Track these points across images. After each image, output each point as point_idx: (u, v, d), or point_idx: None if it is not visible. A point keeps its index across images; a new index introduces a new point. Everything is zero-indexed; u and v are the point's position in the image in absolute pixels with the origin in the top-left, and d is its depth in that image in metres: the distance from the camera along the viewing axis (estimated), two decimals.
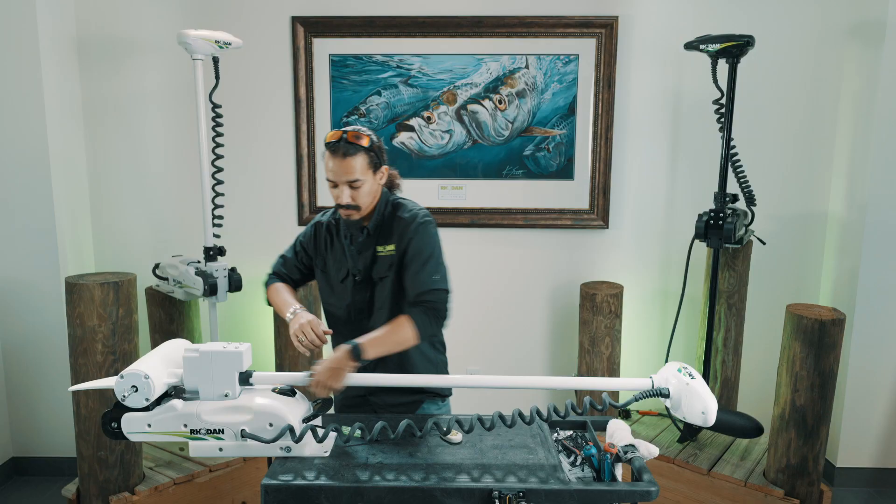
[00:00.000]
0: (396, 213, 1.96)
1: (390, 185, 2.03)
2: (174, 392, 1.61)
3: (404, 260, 1.90)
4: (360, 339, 1.77)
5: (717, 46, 2.59)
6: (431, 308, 1.84)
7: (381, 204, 1.97)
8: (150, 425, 1.55)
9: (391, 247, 1.94)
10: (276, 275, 2.14)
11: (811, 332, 2.49)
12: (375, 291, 1.96)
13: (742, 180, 2.85)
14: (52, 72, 3.02)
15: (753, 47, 2.61)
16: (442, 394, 2.07)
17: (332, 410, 1.81)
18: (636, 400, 1.60)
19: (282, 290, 2.06)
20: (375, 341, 1.79)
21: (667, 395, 1.58)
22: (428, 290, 1.84)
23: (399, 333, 1.81)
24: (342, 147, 1.83)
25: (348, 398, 2.04)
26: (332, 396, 1.91)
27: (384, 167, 1.94)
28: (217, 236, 2.87)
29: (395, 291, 1.94)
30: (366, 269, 1.95)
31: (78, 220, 3.25)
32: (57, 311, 3.04)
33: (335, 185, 1.88)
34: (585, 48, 3.18)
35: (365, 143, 1.85)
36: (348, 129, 1.86)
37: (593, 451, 1.61)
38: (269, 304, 2.12)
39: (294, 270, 2.12)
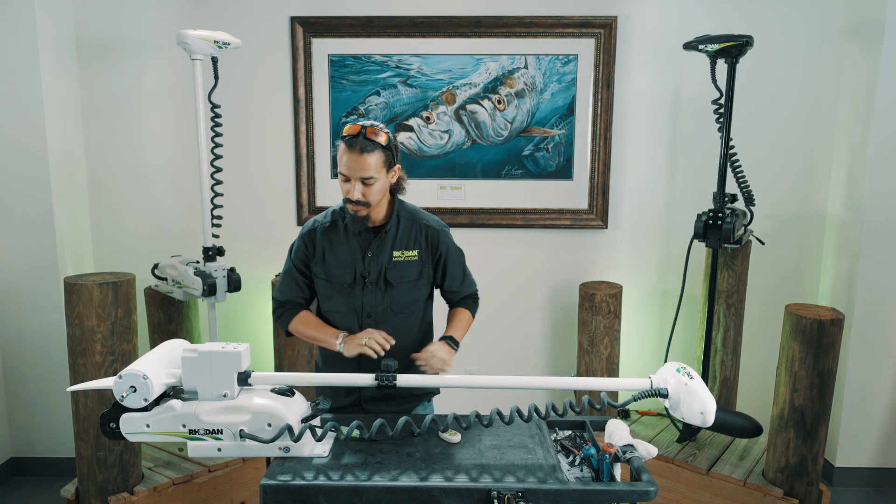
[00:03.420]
0: (417, 220, 1.97)
1: (397, 186, 1.98)
2: (173, 392, 1.61)
3: (445, 267, 2.03)
4: (449, 332, 2.00)
5: (716, 46, 2.59)
6: (476, 303, 2.16)
7: (395, 207, 1.95)
8: (148, 425, 1.55)
9: (413, 252, 1.95)
10: (291, 303, 2.03)
11: (810, 332, 2.49)
12: (394, 295, 1.95)
13: (741, 180, 2.85)
14: (50, 71, 3.01)
15: (752, 47, 2.61)
16: (430, 394, 2.11)
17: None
18: (635, 400, 1.60)
19: (312, 319, 2.01)
20: (459, 330, 2.02)
21: (665, 396, 1.58)
22: (472, 292, 2.14)
23: (469, 321, 2.09)
24: (360, 143, 1.80)
25: (341, 406, 2.04)
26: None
27: (397, 166, 1.92)
28: (216, 236, 2.87)
29: (421, 294, 1.99)
30: (379, 273, 1.94)
31: (77, 220, 3.25)
32: (56, 312, 3.03)
33: (347, 180, 1.85)
34: (584, 48, 3.18)
35: (383, 140, 1.83)
36: (367, 124, 1.83)
37: (592, 451, 1.61)
38: (289, 335, 2.04)
39: (303, 289, 2.03)
